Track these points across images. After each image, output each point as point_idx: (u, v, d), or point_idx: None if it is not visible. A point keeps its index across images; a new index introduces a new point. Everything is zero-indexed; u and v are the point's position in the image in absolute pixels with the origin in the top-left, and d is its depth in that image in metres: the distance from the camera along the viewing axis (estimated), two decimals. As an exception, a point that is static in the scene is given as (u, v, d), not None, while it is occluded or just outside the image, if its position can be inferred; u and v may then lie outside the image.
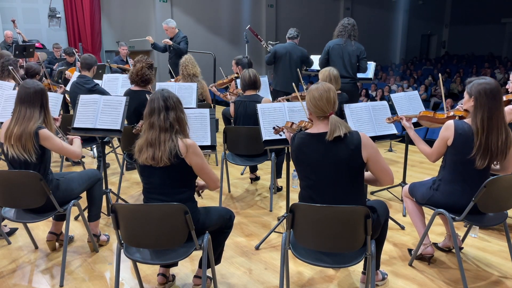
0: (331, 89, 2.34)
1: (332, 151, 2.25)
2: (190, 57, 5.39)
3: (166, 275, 2.74)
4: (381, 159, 2.33)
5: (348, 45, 5.19)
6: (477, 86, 2.61)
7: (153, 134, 2.36)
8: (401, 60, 19.62)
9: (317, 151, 2.28)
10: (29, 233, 3.28)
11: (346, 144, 2.24)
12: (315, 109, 2.33)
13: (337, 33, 5.29)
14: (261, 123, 3.26)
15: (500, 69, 14.20)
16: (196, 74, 5.34)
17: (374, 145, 2.32)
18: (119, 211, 2.27)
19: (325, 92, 2.31)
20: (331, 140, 2.24)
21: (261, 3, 15.39)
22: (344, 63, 5.18)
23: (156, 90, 2.46)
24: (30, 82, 2.84)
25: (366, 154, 2.27)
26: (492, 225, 3.22)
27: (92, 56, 4.60)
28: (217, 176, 2.56)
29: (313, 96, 2.32)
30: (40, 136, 2.74)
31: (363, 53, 5.24)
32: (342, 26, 5.25)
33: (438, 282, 2.82)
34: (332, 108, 2.32)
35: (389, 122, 3.41)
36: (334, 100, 2.32)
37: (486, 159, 2.60)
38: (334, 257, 2.31)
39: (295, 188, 4.41)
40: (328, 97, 2.30)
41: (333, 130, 2.23)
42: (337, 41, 5.26)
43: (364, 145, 2.26)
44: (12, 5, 10.72)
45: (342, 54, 5.19)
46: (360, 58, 5.24)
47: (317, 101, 2.30)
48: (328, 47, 5.31)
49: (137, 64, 4.01)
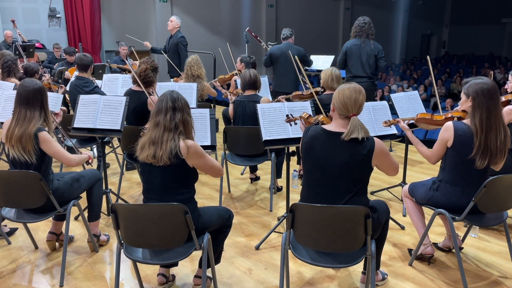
0: (362, 92, 2.35)
1: (344, 151, 2.26)
2: (197, 58, 5.38)
3: (166, 275, 2.74)
4: (389, 161, 2.36)
5: (366, 45, 5.19)
6: (474, 86, 2.61)
7: (157, 133, 2.36)
8: (401, 60, 19.62)
9: (328, 148, 2.29)
10: (29, 233, 3.28)
11: (359, 148, 2.25)
12: (340, 106, 2.33)
13: (354, 34, 5.30)
14: (261, 123, 3.26)
15: (500, 69, 14.19)
16: (201, 75, 5.34)
17: (386, 151, 2.34)
18: (119, 211, 2.27)
19: (355, 93, 2.32)
20: (346, 141, 2.24)
21: (261, 3, 15.39)
22: (362, 63, 5.20)
23: (166, 91, 2.47)
24: (29, 81, 2.83)
25: (376, 162, 2.31)
26: (492, 225, 3.22)
27: (87, 56, 4.56)
28: (219, 165, 2.57)
29: (343, 94, 2.32)
30: (39, 139, 2.74)
31: (381, 52, 5.26)
32: (359, 27, 5.26)
33: (438, 282, 2.82)
34: (357, 110, 2.32)
35: (386, 126, 3.36)
36: (361, 104, 2.33)
37: (486, 159, 2.60)
38: (334, 257, 2.31)
39: (295, 188, 4.41)
40: (356, 99, 2.31)
41: (352, 130, 2.24)
42: (354, 41, 5.28)
43: (376, 154, 2.28)
44: (12, 5, 10.72)
45: (360, 54, 5.20)
46: (378, 58, 5.26)
47: (346, 99, 2.30)
48: (345, 47, 5.33)
49: (142, 64, 4.00)
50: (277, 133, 3.22)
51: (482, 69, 14.24)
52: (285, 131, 3.23)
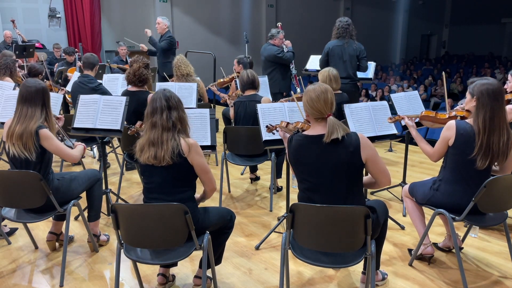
0: (328, 90, 2.29)
1: (331, 153, 2.23)
2: (182, 57, 5.35)
3: (166, 275, 2.74)
4: (380, 160, 2.33)
5: (348, 45, 5.18)
6: (480, 87, 2.60)
7: (155, 134, 2.36)
8: (401, 60, 19.62)
9: (315, 153, 2.26)
10: (29, 233, 3.28)
11: (344, 146, 2.22)
12: (312, 110, 2.29)
13: (338, 35, 5.27)
14: (261, 123, 3.26)
15: (500, 69, 14.19)
16: (190, 73, 5.30)
17: (373, 146, 2.31)
18: (119, 211, 2.27)
19: (322, 93, 2.27)
20: (329, 142, 2.22)
21: (261, 3, 15.39)
22: (344, 64, 5.18)
23: (158, 90, 2.46)
24: (32, 81, 2.84)
25: (365, 155, 2.26)
26: (492, 225, 3.22)
27: (94, 56, 4.61)
28: (214, 178, 2.57)
29: (310, 98, 2.28)
30: (40, 136, 2.74)
31: (363, 52, 5.23)
32: (343, 28, 5.22)
33: (438, 282, 2.82)
34: (330, 110, 2.28)
35: (391, 122, 3.40)
36: (331, 102, 2.28)
37: (487, 159, 2.60)
38: (334, 257, 2.31)
39: (295, 188, 4.40)
40: (325, 98, 2.26)
41: (331, 132, 2.21)
42: (336, 42, 5.25)
43: (363, 146, 2.24)
44: (12, 5, 10.72)
45: (342, 55, 5.19)
46: (360, 58, 5.23)
47: (315, 103, 2.27)
48: (327, 48, 5.29)
49: (134, 64, 4.01)
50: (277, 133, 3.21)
51: (482, 69, 14.23)
52: (285, 131, 3.22)
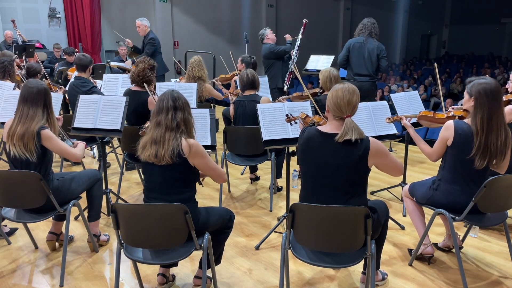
0: (355, 93, 2.31)
1: (339, 153, 2.24)
2: (200, 59, 5.34)
3: (166, 275, 2.75)
4: (390, 160, 2.33)
5: (368, 43, 5.19)
6: (477, 86, 2.60)
7: (158, 132, 2.37)
8: (401, 60, 19.63)
9: (324, 150, 2.28)
10: (29, 233, 3.28)
11: (354, 149, 2.23)
12: (333, 107, 2.30)
13: (358, 32, 5.32)
14: (261, 123, 3.26)
15: (500, 69, 14.20)
16: (202, 77, 5.31)
17: (383, 150, 2.30)
18: (119, 211, 2.27)
19: (348, 94, 2.28)
20: (341, 142, 2.23)
21: (261, 3, 15.40)
22: (364, 61, 5.19)
23: (166, 90, 2.47)
24: (34, 82, 2.84)
25: (373, 162, 2.28)
26: (492, 225, 3.22)
27: (86, 56, 4.57)
28: (223, 170, 2.59)
29: (336, 95, 2.30)
30: (42, 137, 2.74)
31: (383, 51, 5.25)
32: (362, 24, 5.29)
33: (438, 282, 2.82)
34: (351, 112, 2.29)
35: (389, 122, 3.41)
36: (355, 104, 2.30)
37: (485, 159, 2.60)
38: (334, 257, 2.31)
39: (295, 188, 4.41)
40: (350, 99, 2.28)
41: (345, 132, 2.22)
42: (357, 38, 5.28)
43: (372, 154, 2.25)
44: (12, 5, 10.72)
45: (363, 52, 5.20)
46: (380, 57, 5.25)
47: (339, 100, 2.28)
48: (349, 44, 5.34)
49: (140, 64, 4.00)
50: (277, 133, 3.22)
51: (482, 69, 14.23)
52: (285, 131, 3.23)
